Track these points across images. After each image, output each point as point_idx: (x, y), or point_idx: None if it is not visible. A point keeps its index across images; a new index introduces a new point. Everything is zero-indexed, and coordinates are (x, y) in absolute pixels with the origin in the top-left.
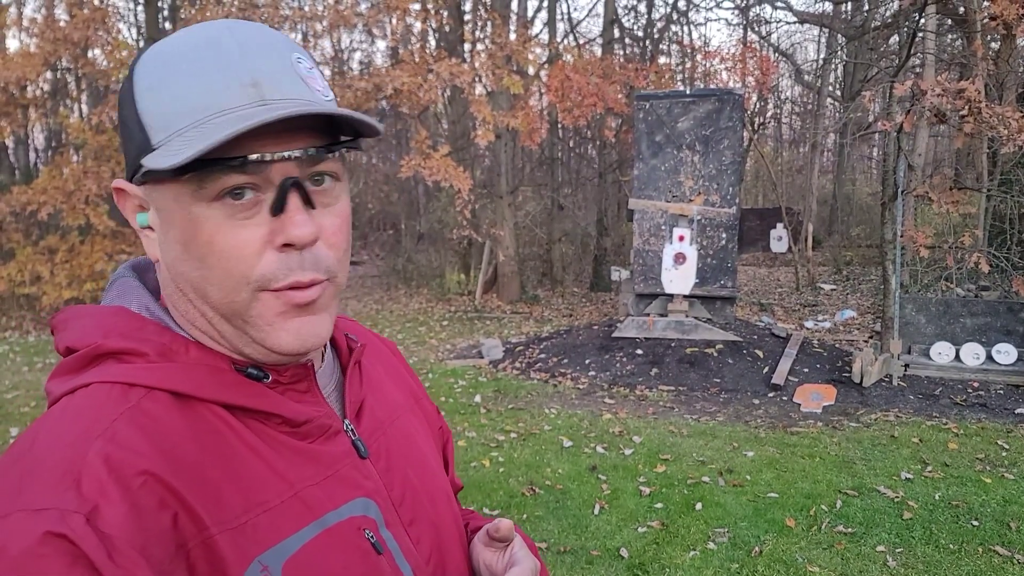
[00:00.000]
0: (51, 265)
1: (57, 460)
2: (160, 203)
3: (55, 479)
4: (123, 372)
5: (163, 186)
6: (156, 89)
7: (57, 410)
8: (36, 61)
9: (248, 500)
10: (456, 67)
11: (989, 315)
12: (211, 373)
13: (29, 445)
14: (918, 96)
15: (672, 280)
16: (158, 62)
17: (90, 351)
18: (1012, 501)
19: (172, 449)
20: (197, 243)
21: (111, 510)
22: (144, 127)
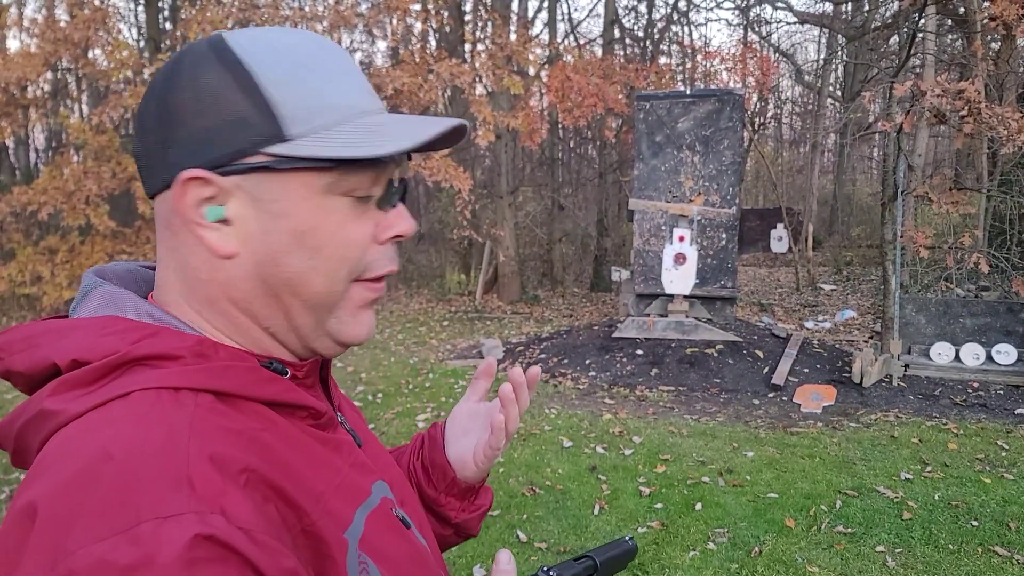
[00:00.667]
0: (51, 265)
1: (156, 466)
2: (269, 194)
3: (167, 485)
4: (163, 377)
5: (285, 176)
6: (291, 83)
7: (103, 423)
8: (36, 61)
9: (315, 488)
10: (456, 67)
11: (989, 315)
12: (247, 371)
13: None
14: (918, 96)
15: (672, 280)
16: (283, 58)
17: (114, 360)
18: (1011, 501)
19: (250, 444)
20: (319, 233)
21: (236, 506)
22: (276, 117)
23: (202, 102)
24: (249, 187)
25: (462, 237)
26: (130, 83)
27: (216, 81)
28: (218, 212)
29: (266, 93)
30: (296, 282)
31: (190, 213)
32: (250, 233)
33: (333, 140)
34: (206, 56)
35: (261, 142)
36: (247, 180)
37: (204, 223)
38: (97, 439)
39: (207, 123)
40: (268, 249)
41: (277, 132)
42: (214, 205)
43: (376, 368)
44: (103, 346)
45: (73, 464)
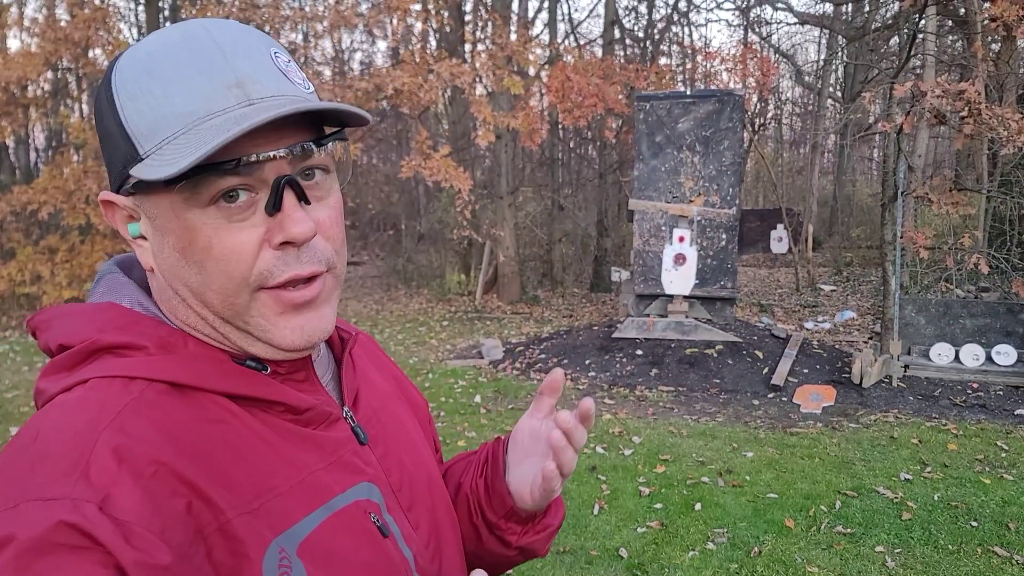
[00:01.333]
0: (51, 265)
1: (64, 451)
2: (152, 212)
3: (63, 469)
4: (122, 366)
5: (155, 195)
6: (139, 97)
7: (56, 405)
8: (37, 61)
9: (259, 485)
10: (457, 67)
11: (989, 316)
12: (212, 364)
13: (32, 438)
14: (918, 97)
15: (672, 281)
16: (137, 68)
17: (86, 347)
18: (1011, 502)
19: (180, 438)
20: (194, 249)
21: (124, 497)
22: (130, 137)
23: (99, 127)
24: (140, 206)
25: (462, 237)
26: None
27: (102, 105)
28: (135, 229)
29: (121, 113)
30: (197, 295)
31: (120, 230)
32: (154, 249)
33: (163, 157)
34: (103, 79)
35: (127, 163)
36: (136, 200)
37: (130, 239)
38: (41, 420)
39: (105, 147)
40: (166, 264)
41: (134, 152)
42: (133, 222)
43: None
44: (82, 333)
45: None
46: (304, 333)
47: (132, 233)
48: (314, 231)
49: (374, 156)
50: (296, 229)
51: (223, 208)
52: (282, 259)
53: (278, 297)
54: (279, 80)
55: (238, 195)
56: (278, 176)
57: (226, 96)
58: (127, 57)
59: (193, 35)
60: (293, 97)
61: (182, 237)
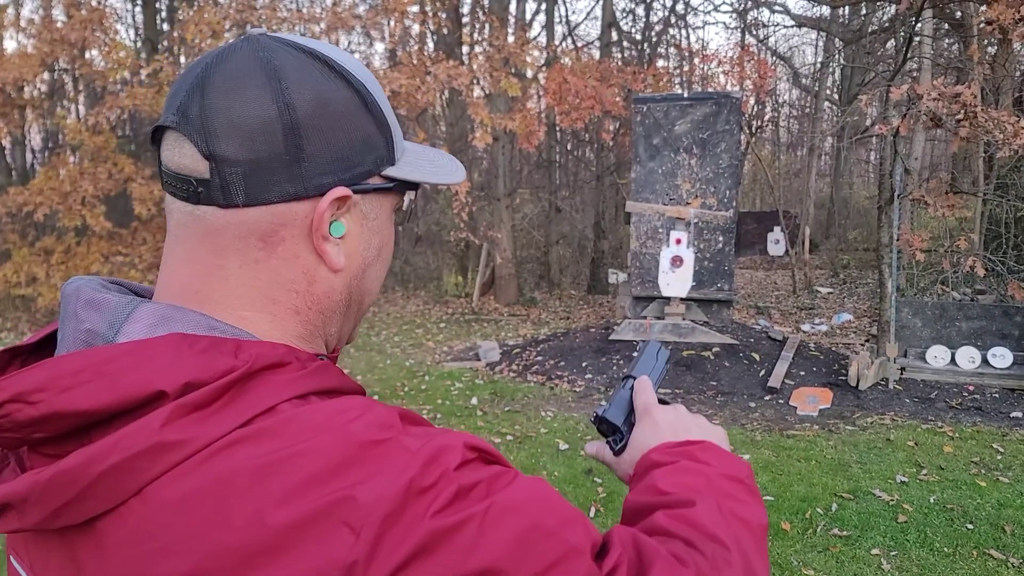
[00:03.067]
0: (47, 266)
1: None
2: (372, 212)
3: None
4: (288, 385)
5: (384, 196)
6: (387, 107)
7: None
8: (33, 62)
9: None
10: (454, 69)
11: (984, 319)
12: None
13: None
14: (915, 100)
15: (669, 283)
16: (375, 84)
17: (235, 376)
18: (1007, 504)
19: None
20: (389, 248)
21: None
22: (390, 140)
23: (339, 120)
24: (363, 205)
25: (459, 239)
26: (127, 84)
27: (349, 101)
28: (341, 228)
29: (385, 116)
30: (368, 291)
31: (324, 228)
32: (354, 248)
33: (412, 165)
34: (319, 70)
35: (381, 164)
36: (364, 199)
37: (330, 238)
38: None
39: (341, 140)
40: (362, 262)
41: (391, 156)
42: (338, 221)
43: (372, 370)
44: (214, 364)
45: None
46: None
47: (337, 232)
48: None
49: None
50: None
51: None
52: None
53: None
54: None
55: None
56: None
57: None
58: (352, 66)
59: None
60: None
61: (387, 236)
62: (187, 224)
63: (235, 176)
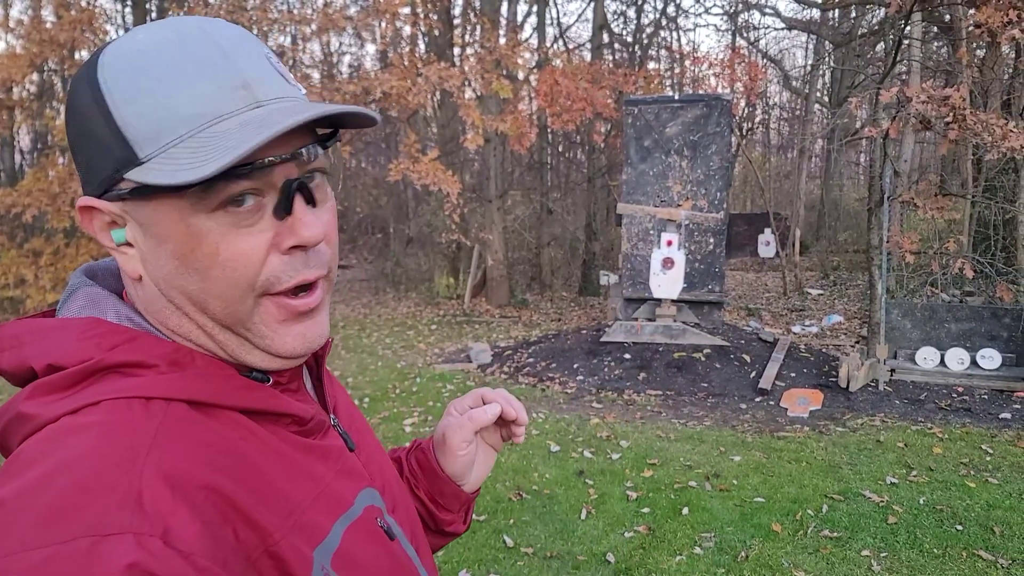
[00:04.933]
0: (35, 268)
1: (109, 480)
2: (147, 218)
3: (115, 500)
4: (136, 386)
5: (152, 200)
6: (137, 99)
7: (71, 429)
8: (22, 62)
9: (288, 501)
10: (445, 71)
11: (973, 320)
12: (224, 379)
13: (59, 467)
14: (904, 103)
15: (660, 285)
16: (129, 68)
17: (89, 366)
18: (996, 506)
19: (216, 459)
20: (198, 256)
21: (183, 528)
22: (127, 140)
23: (80, 127)
24: (131, 212)
25: (451, 241)
26: None
27: (85, 105)
28: (120, 235)
29: (115, 114)
30: (196, 303)
31: (100, 237)
32: (145, 256)
33: (173, 161)
34: (81, 77)
35: (121, 167)
36: (127, 205)
37: (112, 246)
38: (61, 447)
39: (86, 150)
40: (161, 272)
41: (131, 156)
42: (117, 228)
43: (363, 372)
44: (79, 351)
45: (30, 470)
46: (305, 340)
47: (117, 240)
48: (324, 234)
49: (363, 159)
50: (308, 232)
51: (231, 213)
52: (290, 264)
53: (282, 304)
54: (279, 81)
55: (245, 200)
56: (287, 179)
57: (233, 98)
58: (113, 56)
59: (188, 34)
60: (297, 99)
61: (184, 243)
62: None
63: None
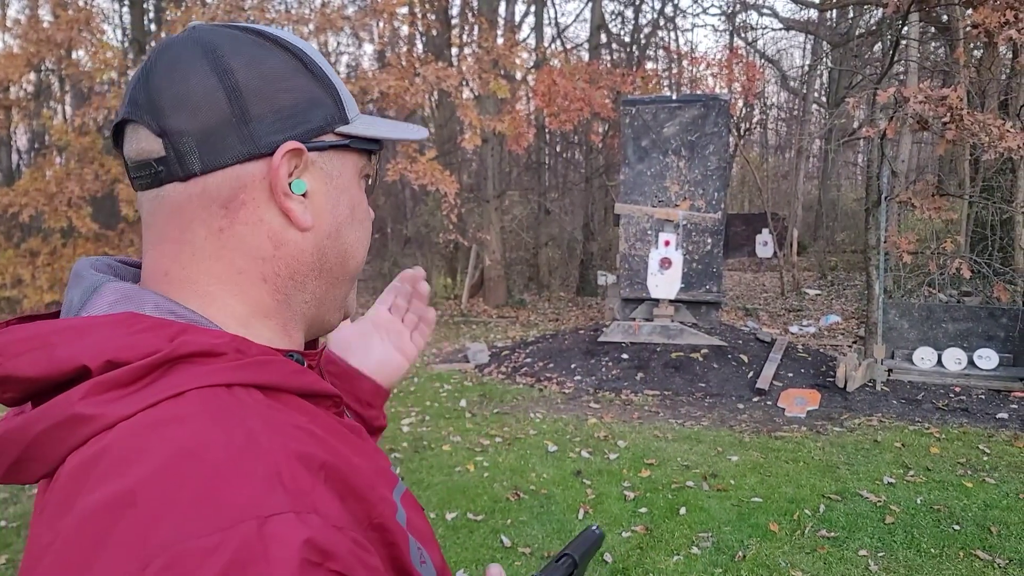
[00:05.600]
0: (33, 268)
1: (244, 463)
2: (336, 170)
3: (260, 482)
4: (212, 374)
5: (346, 155)
6: (332, 73)
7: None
8: (19, 62)
9: (367, 476)
10: (443, 71)
11: (971, 320)
12: (281, 364)
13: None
14: (901, 103)
15: (658, 285)
16: (310, 52)
17: (157, 359)
18: (993, 505)
19: (315, 437)
20: (361, 208)
21: (327, 504)
22: (340, 101)
23: (278, 81)
24: (322, 163)
25: (448, 241)
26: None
27: (287, 64)
28: (302, 186)
29: (328, 77)
30: (349, 253)
31: (283, 184)
32: (321, 207)
33: (368, 124)
34: (253, 41)
35: (333, 122)
36: (322, 156)
37: (293, 195)
38: (172, 436)
39: (288, 101)
40: (334, 221)
41: (343, 115)
42: (299, 179)
43: None
44: (142, 344)
45: (139, 464)
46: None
47: (298, 189)
48: None
49: None
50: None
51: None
52: None
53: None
54: None
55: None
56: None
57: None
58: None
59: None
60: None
61: (355, 196)
62: (155, 210)
63: (188, 145)
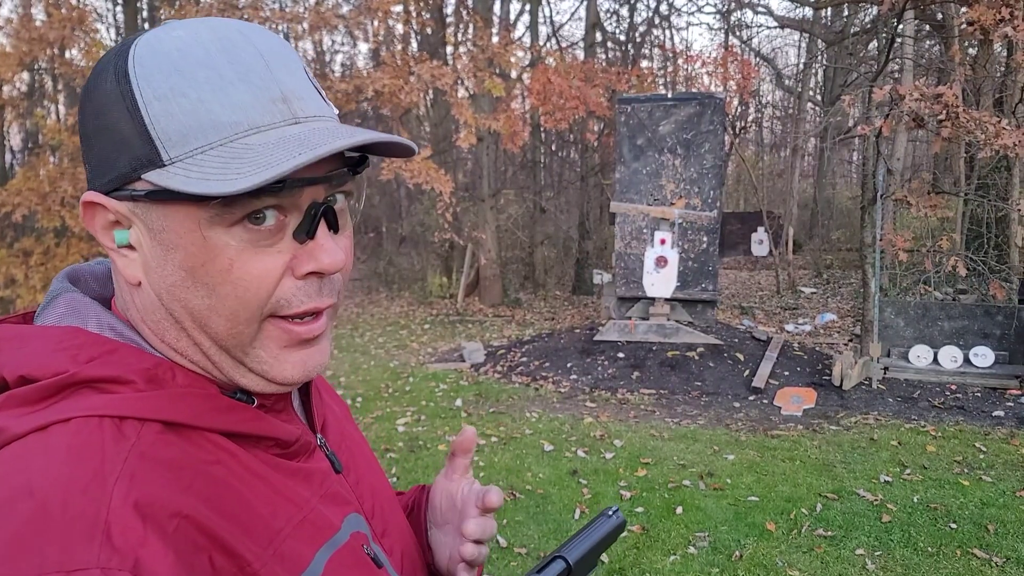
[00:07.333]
0: (26, 268)
1: (75, 510)
2: (158, 224)
3: (81, 532)
4: (108, 403)
5: (168, 206)
6: (169, 98)
7: (38, 450)
8: (12, 61)
9: (269, 528)
10: (438, 70)
11: (966, 318)
12: (204, 399)
13: (21, 492)
14: (897, 101)
15: (653, 283)
16: (165, 65)
17: (61, 380)
18: (990, 504)
19: (191, 485)
20: (209, 270)
21: (155, 560)
22: (152, 139)
23: (98, 118)
24: (140, 214)
25: (443, 240)
26: None
27: (108, 96)
28: (123, 237)
29: (143, 110)
30: (198, 319)
31: (100, 236)
32: (148, 262)
33: (198, 168)
34: (107, 65)
35: (140, 167)
36: (138, 207)
37: (112, 247)
38: (26, 469)
39: (102, 143)
40: (165, 282)
41: (154, 156)
42: (121, 229)
43: (356, 372)
44: (53, 363)
45: None
46: (305, 368)
47: (119, 241)
48: (343, 262)
49: None
50: (328, 260)
51: (250, 230)
52: (303, 289)
53: (286, 330)
54: (317, 99)
55: (265, 217)
56: (314, 201)
57: (271, 110)
58: (147, 49)
59: (229, 37)
60: (333, 120)
61: (196, 256)
62: None
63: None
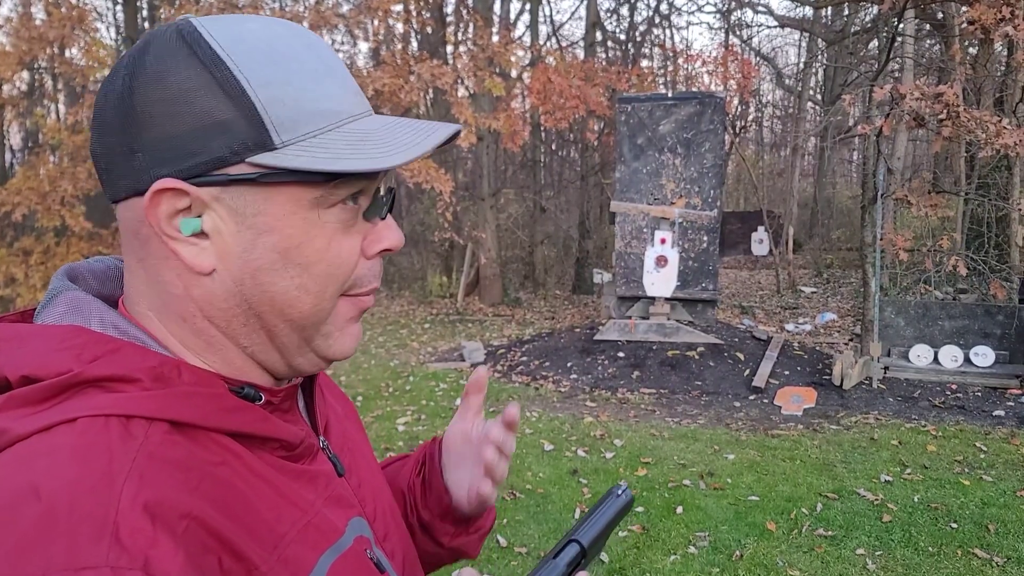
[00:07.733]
0: (26, 267)
1: (84, 510)
2: (253, 207)
3: (90, 532)
4: (115, 403)
5: (272, 188)
6: (275, 85)
7: (44, 451)
8: (11, 60)
9: (273, 532)
10: (438, 69)
11: (967, 318)
12: (211, 398)
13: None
14: (897, 100)
15: (654, 283)
16: (260, 56)
17: (66, 380)
18: (990, 503)
19: (199, 486)
20: (305, 250)
21: (166, 560)
22: (263, 123)
23: (174, 103)
24: (229, 199)
25: (444, 239)
26: None
27: (192, 80)
28: (194, 225)
29: (252, 96)
30: (281, 301)
31: (163, 225)
32: (229, 249)
33: (321, 150)
34: (176, 49)
35: (245, 151)
36: (227, 192)
37: (178, 236)
38: (30, 470)
39: (181, 127)
40: (250, 267)
41: (264, 140)
42: (189, 217)
43: (356, 371)
44: (57, 362)
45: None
46: (356, 342)
47: (187, 231)
48: (403, 241)
49: None
50: (397, 238)
51: (346, 210)
52: (372, 269)
53: (355, 302)
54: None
55: (356, 199)
56: (389, 186)
57: (355, 102)
58: (230, 38)
59: (303, 33)
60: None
61: (293, 236)
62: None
63: (101, 172)
